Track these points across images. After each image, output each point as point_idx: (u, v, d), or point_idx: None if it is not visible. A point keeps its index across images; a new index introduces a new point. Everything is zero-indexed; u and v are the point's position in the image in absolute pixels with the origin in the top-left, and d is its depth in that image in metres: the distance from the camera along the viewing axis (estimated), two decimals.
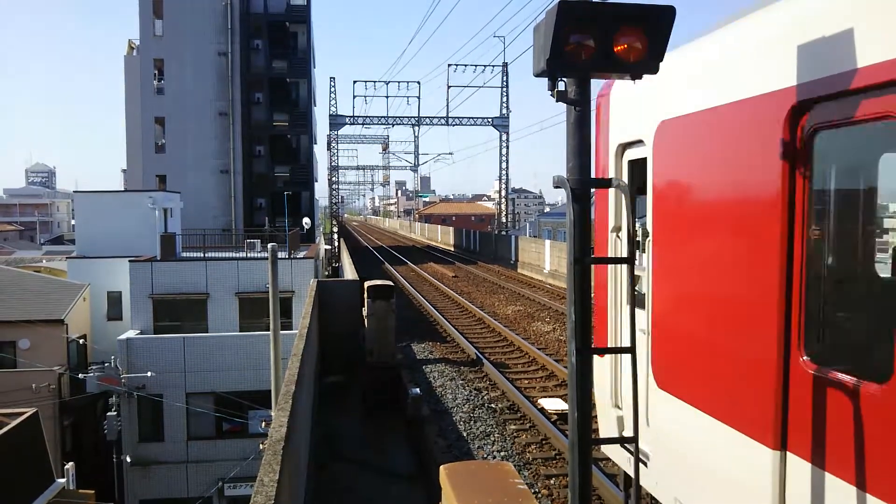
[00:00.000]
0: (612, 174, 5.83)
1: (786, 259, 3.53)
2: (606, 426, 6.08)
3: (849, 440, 3.12)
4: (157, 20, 42.38)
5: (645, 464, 5.25)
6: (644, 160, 5.22)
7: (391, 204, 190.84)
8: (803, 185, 3.44)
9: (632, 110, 5.59)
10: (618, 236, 5.63)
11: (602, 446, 6.85)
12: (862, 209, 3.53)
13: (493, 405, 11.83)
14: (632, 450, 3.63)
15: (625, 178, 5.62)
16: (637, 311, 5.33)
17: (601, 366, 6.00)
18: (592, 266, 3.52)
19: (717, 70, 4.23)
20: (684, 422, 4.53)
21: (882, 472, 2.88)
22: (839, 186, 3.64)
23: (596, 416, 5.65)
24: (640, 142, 5.34)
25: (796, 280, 3.47)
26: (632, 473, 3.89)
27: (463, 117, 47.71)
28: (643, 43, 3.36)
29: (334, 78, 48.69)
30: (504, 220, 57.06)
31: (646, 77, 3.74)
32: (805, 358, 3.41)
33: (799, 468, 3.45)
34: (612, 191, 5.92)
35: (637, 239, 5.41)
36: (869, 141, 3.32)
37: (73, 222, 63.40)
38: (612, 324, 5.91)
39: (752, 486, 3.76)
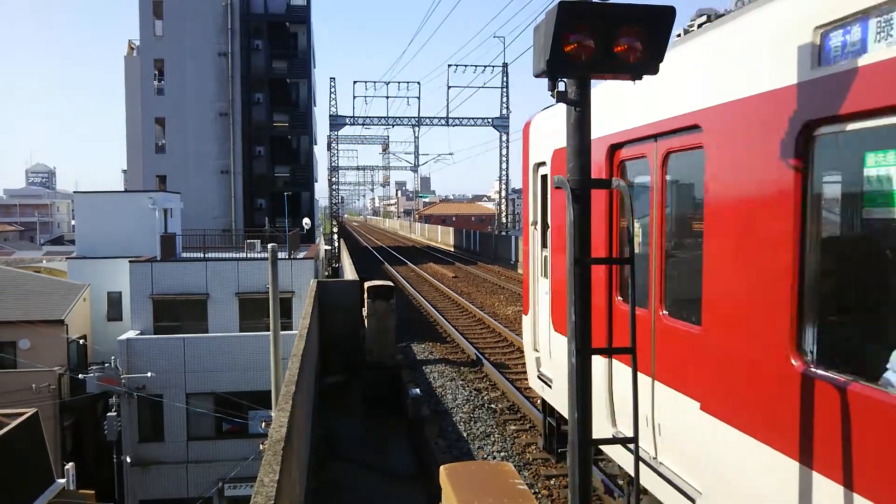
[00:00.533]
0: (529, 184, 8.30)
1: (608, 238, 5.82)
2: (529, 363, 8.74)
3: (639, 342, 5.12)
4: (158, 20, 42.35)
5: (549, 385, 7.79)
6: (547, 175, 7.63)
7: (391, 204, 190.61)
8: (619, 193, 5.63)
9: (541, 139, 7.93)
10: (535, 228, 7.30)
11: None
12: (649, 209, 5.45)
13: (493, 405, 11.83)
14: (632, 450, 3.63)
15: (539, 189, 8.19)
16: (543, 279, 7.89)
17: (527, 320, 8.74)
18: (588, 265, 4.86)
19: None
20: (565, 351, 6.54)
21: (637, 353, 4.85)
22: (636, 194, 5.79)
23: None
24: (544, 163, 7.67)
25: (614, 251, 5.83)
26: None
27: (463, 118, 47.67)
28: (643, 43, 3.36)
29: (334, 78, 48.67)
30: (504, 220, 57.03)
31: (547, 117, 6.50)
32: (619, 298, 5.77)
33: (616, 365, 5.82)
34: (531, 189, 7.98)
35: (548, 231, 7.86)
36: (643, 168, 5.46)
37: (73, 223, 63.39)
38: (531, 289, 8.42)
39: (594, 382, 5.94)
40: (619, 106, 5.68)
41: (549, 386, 7.67)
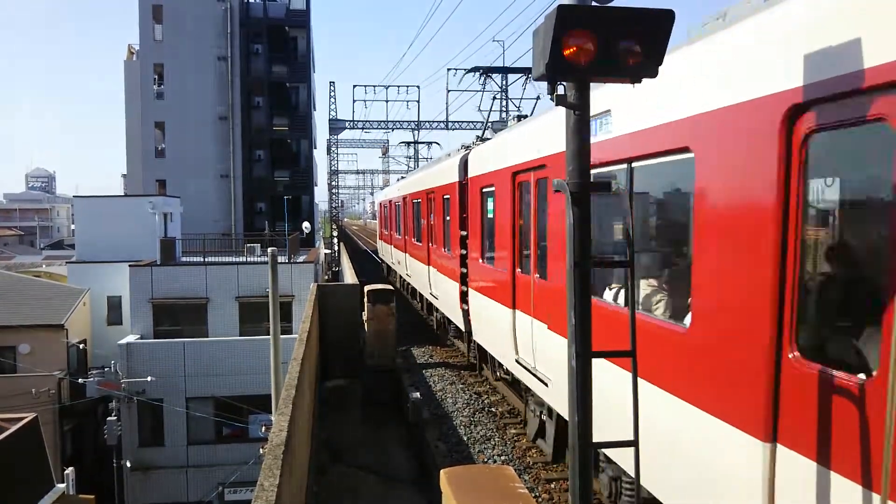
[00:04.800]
0: (377, 206, 33.83)
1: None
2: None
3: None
4: (157, 25, 42.36)
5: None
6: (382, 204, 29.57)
7: None
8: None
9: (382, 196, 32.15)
10: (378, 218, 13.91)
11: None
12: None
13: (493, 409, 11.81)
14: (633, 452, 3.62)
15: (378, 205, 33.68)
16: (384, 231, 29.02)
17: (383, 243, 28.93)
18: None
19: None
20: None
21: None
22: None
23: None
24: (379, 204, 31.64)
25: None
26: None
27: (462, 121, 47.59)
28: (642, 47, 3.36)
29: (334, 82, 48.48)
30: None
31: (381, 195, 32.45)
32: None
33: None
34: (377, 206, 15.37)
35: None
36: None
37: (73, 227, 63.33)
38: (383, 235, 28.03)
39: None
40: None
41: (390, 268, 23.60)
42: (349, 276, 22.98)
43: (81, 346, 28.84)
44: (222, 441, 25.59)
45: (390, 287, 14.53)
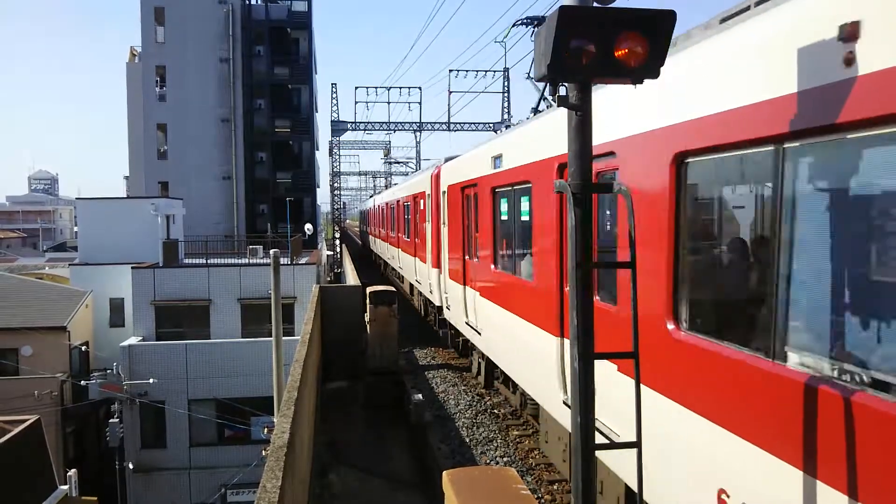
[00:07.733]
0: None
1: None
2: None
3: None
4: (159, 27, 42.43)
5: (374, 248, 37.12)
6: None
7: None
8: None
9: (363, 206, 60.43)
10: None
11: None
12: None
13: (495, 411, 11.80)
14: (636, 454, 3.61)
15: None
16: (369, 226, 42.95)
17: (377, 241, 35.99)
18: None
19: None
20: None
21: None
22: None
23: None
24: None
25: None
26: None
27: (464, 122, 47.51)
28: (644, 47, 3.35)
29: (336, 84, 48.37)
30: None
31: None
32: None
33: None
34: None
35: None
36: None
37: (75, 229, 63.37)
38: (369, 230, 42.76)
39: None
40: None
41: (374, 249, 36.26)
42: (351, 278, 22.98)
43: (84, 348, 28.86)
44: (224, 443, 25.60)
45: (392, 288, 14.53)
